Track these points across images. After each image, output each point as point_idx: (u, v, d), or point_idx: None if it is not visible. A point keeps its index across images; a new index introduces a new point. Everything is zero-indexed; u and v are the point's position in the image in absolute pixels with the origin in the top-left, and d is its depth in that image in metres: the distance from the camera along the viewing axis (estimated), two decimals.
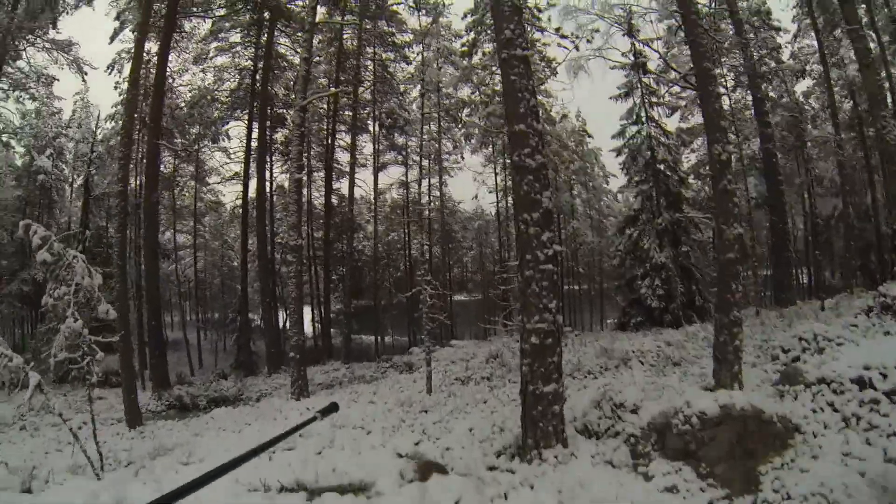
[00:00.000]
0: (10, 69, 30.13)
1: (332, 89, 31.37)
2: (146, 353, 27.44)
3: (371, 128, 38.32)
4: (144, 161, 28.54)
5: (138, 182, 31.30)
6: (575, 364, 17.31)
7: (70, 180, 40.19)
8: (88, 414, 12.81)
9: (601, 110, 67.10)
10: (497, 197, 39.89)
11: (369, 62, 37.28)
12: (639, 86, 30.25)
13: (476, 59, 36.47)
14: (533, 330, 8.50)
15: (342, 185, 38.60)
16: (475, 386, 16.91)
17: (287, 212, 18.60)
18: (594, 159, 42.08)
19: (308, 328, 40.16)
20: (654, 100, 30.06)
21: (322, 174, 37.29)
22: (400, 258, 42.96)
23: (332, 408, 2.89)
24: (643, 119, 30.06)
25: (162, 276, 38.70)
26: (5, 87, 31.06)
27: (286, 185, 39.73)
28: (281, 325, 34.21)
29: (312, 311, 39.78)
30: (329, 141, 35.91)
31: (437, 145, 38.46)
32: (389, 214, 43.20)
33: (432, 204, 39.89)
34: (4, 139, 34.63)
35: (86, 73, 31.66)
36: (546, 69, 35.41)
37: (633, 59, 28.27)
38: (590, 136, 41.58)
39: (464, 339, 32.49)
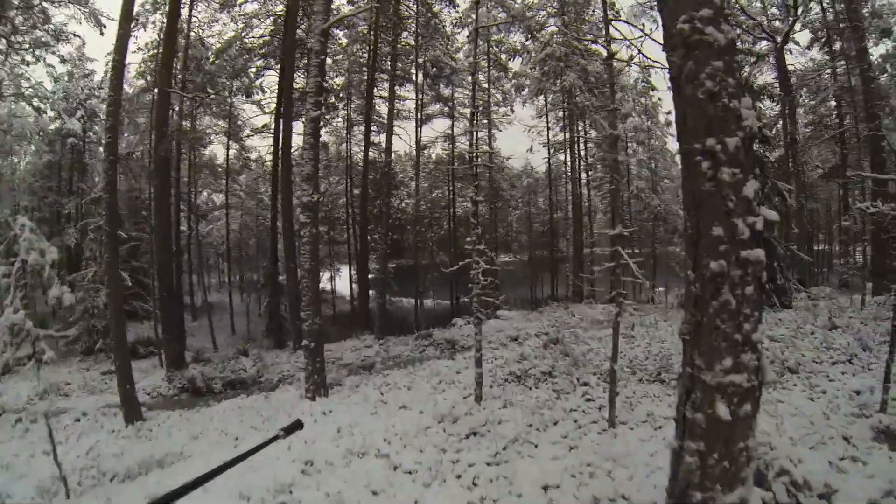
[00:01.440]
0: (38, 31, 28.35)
1: (362, 4, 26.44)
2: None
3: (414, 77, 33.31)
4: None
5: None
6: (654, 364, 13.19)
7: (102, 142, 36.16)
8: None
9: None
10: (549, 152, 34.83)
11: (412, 3, 32.07)
12: None
13: None
14: (717, 386, 3.81)
15: (383, 140, 33.99)
16: (535, 389, 12.40)
17: (303, 160, 13.87)
18: (655, 113, 36.30)
19: (345, 290, 37.50)
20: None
21: (362, 128, 32.88)
22: (444, 217, 38.38)
23: (297, 425, 2.80)
24: None
25: (198, 236, 35.84)
26: (27, 46, 28.74)
27: (326, 139, 35.92)
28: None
29: (350, 272, 36.32)
30: (368, 91, 30.92)
31: (484, 97, 33.58)
32: (434, 171, 38.26)
33: (479, 159, 35.03)
34: (35, 104, 31.98)
35: (104, 27, 28.88)
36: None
37: None
38: (654, 87, 35.96)
39: (509, 309, 27.79)
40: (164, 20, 23.36)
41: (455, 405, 10.78)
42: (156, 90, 24.49)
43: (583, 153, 34.21)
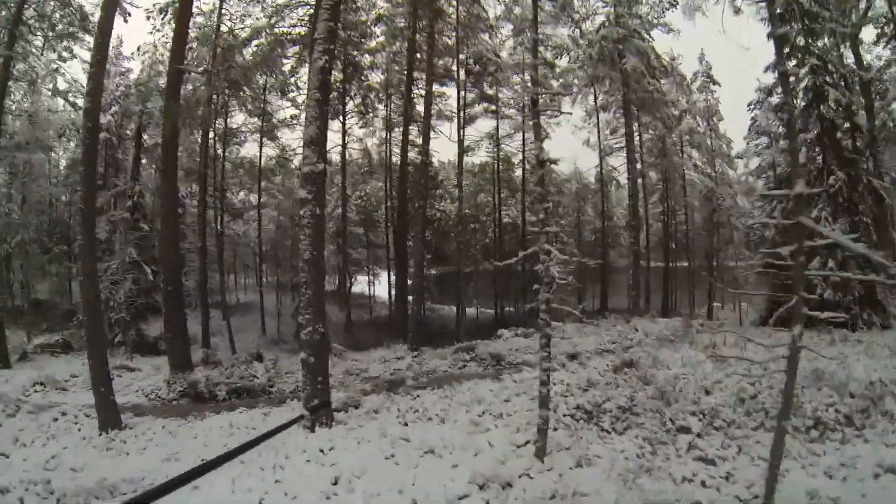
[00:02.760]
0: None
1: None
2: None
3: (456, 75, 29.41)
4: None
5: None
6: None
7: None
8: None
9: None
10: (601, 156, 30.66)
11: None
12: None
13: None
14: None
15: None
16: (616, 435, 8.66)
17: (306, 120, 10.14)
18: (711, 117, 31.69)
19: (384, 295, 34.28)
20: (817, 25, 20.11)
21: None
22: (489, 223, 34.56)
23: (325, 405, 2.10)
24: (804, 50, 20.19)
25: (234, 236, 33.81)
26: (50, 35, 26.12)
27: (367, 144, 32.34)
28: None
29: (389, 276, 32.58)
30: (407, 89, 27.20)
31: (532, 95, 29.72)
32: (478, 176, 34.33)
33: (527, 164, 31.15)
34: (71, 99, 29.23)
35: (129, 14, 25.32)
36: None
37: None
38: (716, 83, 31.44)
39: (557, 321, 23.67)
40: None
41: (505, 459, 7.07)
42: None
43: (639, 154, 29.69)
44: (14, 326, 23.76)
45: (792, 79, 20.73)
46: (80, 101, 29.62)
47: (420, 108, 27.14)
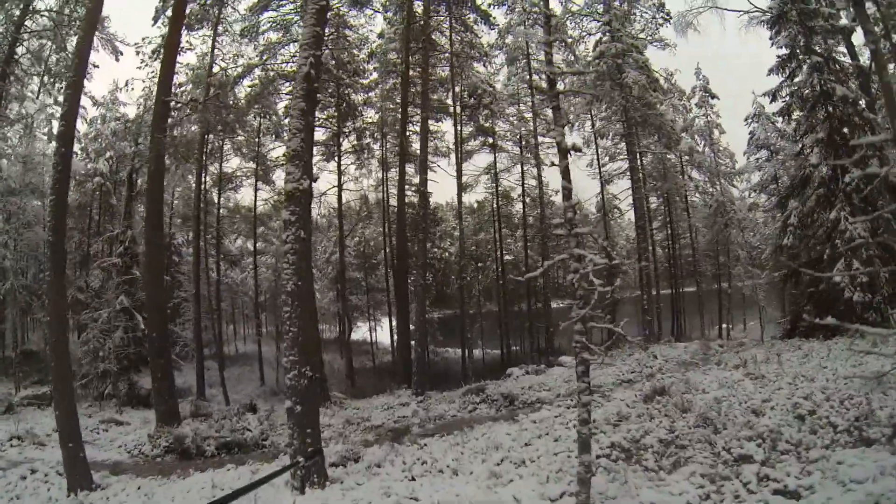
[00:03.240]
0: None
1: None
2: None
3: (451, 108, 28.24)
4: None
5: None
6: None
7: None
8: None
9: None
10: (602, 183, 29.22)
11: (445, 28, 27.26)
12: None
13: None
14: None
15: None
16: (665, 475, 7.13)
17: (289, 134, 8.62)
18: (711, 133, 30.32)
19: (388, 341, 32.10)
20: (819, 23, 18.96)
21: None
22: (490, 263, 32.99)
23: (317, 452, 1.76)
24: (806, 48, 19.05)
25: (232, 284, 33.30)
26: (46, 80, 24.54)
27: (363, 185, 30.97)
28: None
29: (391, 321, 30.77)
30: (402, 126, 25.79)
31: (528, 126, 28.53)
32: (478, 213, 32.86)
33: (527, 198, 29.74)
34: None
35: (121, 53, 25.04)
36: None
37: None
38: (715, 96, 30.15)
39: (569, 356, 22.05)
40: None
41: None
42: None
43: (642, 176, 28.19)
44: (3, 377, 22.84)
45: (797, 78, 19.62)
46: (77, 148, 29.17)
47: (416, 145, 25.72)
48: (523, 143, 29.49)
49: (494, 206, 30.47)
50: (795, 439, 7.43)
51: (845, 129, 18.13)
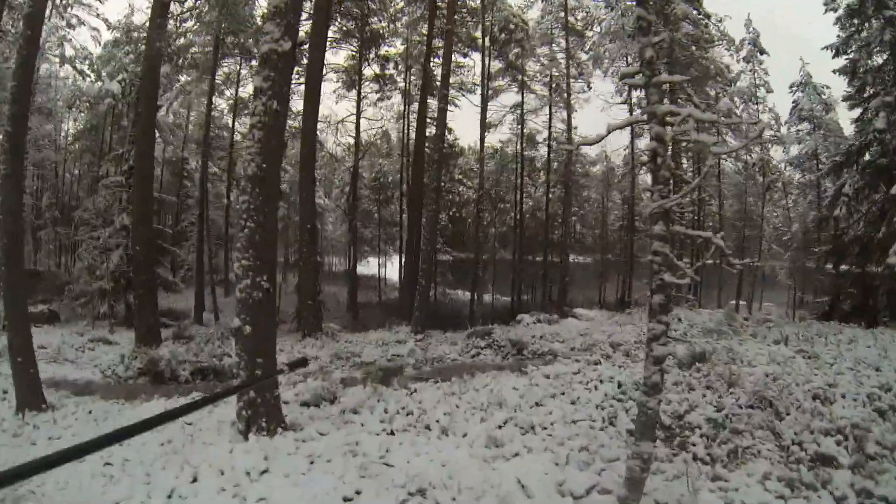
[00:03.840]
0: None
1: None
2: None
3: (480, 41, 25.62)
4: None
5: None
6: None
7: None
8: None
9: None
10: (633, 133, 26.61)
11: None
12: None
13: None
14: None
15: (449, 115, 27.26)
16: (727, 470, 4.99)
17: None
18: (755, 94, 27.22)
19: (396, 278, 31.50)
20: None
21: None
22: (508, 210, 30.87)
23: (302, 363, 2.42)
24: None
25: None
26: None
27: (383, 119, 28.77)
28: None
29: (400, 258, 28.60)
30: (426, 57, 23.43)
31: (559, 68, 26.09)
32: (500, 154, 30.32)
33: (553, 142, 27.25)
34: (78, 66, 28.39)
35: None
36: None
37: None
38: (764, 51, 26.99)
39: (584, 308, 20.10)
40: None
41: None
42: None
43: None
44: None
45: (864, 34, 16.97)
46: (87, 68, 27.84)
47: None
48: (553, 85, 26.89)
49: (518, 147, 28.05)
50: (891, 442, 5.42)
51: None
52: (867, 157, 16.02)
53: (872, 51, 16.61)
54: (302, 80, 19.72)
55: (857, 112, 17.93)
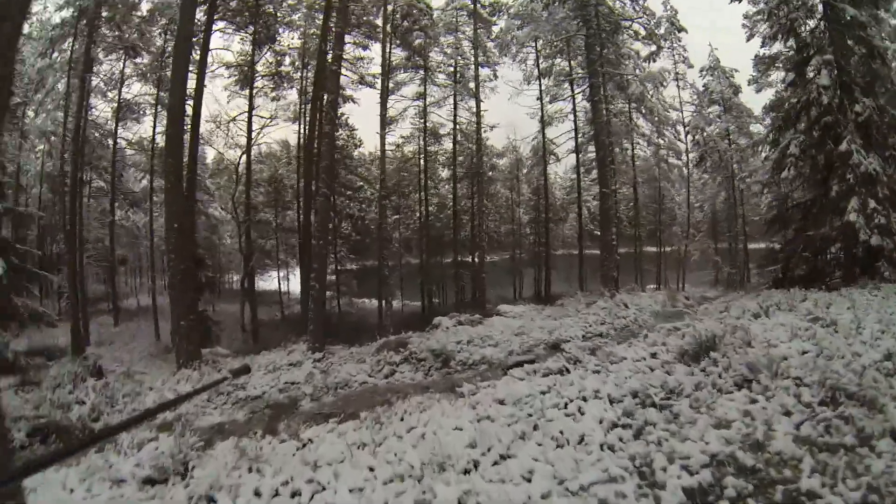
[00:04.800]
0: None
1: None
2: None
3: (382, 28, 22.72)
4: None
5: None
6: None
7: None
8: None
9: None
10: (543, 121, 24.40)
11: None
12: None
13: None
14: None
15: (346, 111, 24.77)
16: None
17: None
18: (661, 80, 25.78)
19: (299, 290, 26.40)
20: None
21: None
22: (412, 213, 28.20)
23: (245, 370, 2.24)
24: None
25: (133, 229, 27.88)
26: None
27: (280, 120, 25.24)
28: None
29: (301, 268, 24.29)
30: (320, 50, 19.71)
31: (464, 56, 23.70)
32: (402, 149, 27.32)
33: (459, 135, 24.68)
34: None
35: None
36: None
37: None
38: (682, 29, 25.51)
39: (509, 305, 17.52)
40: None
41: None
42: None
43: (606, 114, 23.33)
44: None
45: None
46: None
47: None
48: (458, 75, 24.32)
49: (421, 143, 25.27)
50: None
51: (854, 56, 14.19)
52: (813, 114, 14.39)
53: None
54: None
55: (784, 76, 17.58)
